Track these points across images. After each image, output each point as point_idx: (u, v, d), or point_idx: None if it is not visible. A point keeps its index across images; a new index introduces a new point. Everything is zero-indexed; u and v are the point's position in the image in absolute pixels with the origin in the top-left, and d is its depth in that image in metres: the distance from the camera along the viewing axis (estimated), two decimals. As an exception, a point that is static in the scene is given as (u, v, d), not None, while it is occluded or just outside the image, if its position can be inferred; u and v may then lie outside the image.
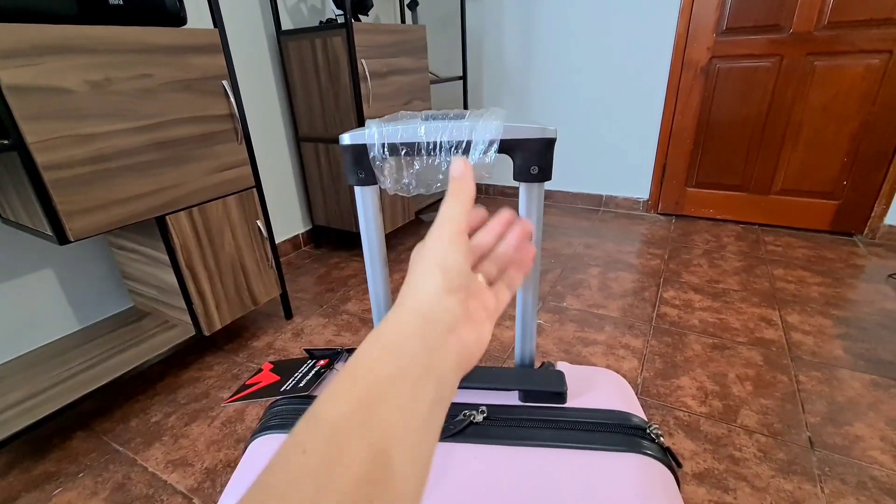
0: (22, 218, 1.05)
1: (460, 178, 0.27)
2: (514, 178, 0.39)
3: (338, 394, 0.18)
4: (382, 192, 0.41)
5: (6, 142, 0.86)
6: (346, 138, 0.38)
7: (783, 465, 0.98)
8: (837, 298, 1.60)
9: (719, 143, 2.19)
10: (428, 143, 0.34)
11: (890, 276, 1.71)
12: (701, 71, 2.10)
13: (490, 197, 2.91)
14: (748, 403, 1.15)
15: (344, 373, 0.19)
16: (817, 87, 1.94)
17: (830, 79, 1.91)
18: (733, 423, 1.09)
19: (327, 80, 1.80)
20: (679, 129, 2.24)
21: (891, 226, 1.98)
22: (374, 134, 0.34)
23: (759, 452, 1.01)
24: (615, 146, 2.43)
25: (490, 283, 0.29)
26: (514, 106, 2.64)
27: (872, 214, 2.00)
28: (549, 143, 0.37)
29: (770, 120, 2.06)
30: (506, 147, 0.35)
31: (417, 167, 0.34)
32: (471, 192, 0.28)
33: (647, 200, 2.46)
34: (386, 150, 0.33)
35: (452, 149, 0.33)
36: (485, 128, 0.33)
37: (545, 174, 0.38)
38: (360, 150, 0.37)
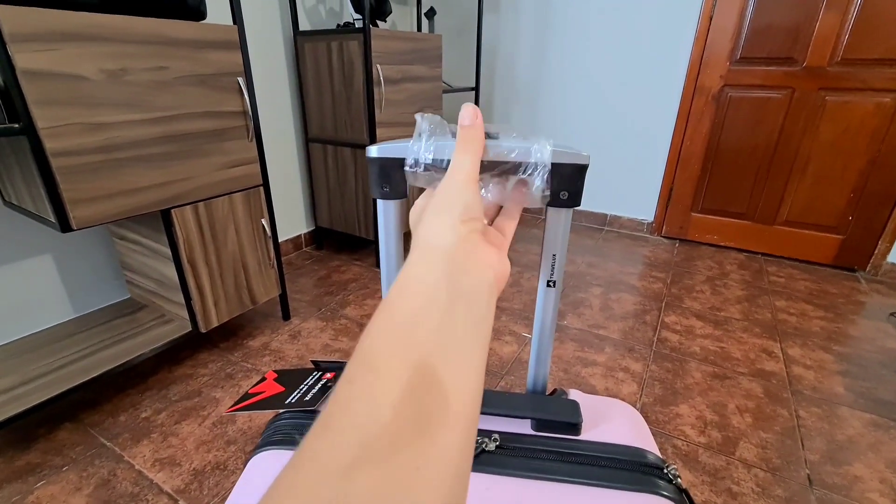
0: (25, 202, 1.04)
1: (471, 126, 0.28)
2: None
3: (376, 329, 0.19)
4: (403, 202, 0.40)
5: (17, 126, 0.85)
6: (374, 151, 0.36)
7: (781, 502, 0.97)
8: (839, 334, 1.59)
9: (727, 170, 2.20)
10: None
11: (892, 314, 1.71)
12: (712, 98, 2.11)
13: (528, 215, 2.90)
14: (747, 436, 1.13)
15: (381, 311, 0.20)
16: (827, 122, 1.95)
17: (841, 114, 1.92)
18: (732, 455, 1.08)
19: (341, 83, 1.80)
20: (687, 153, 2.25)
21: (893, 264, 1.98)
22: (415, 149, 0.33)
23: (757, 487, 1.00)
24: (622, 166, 2.43)
25: (490, 222, 0.31)
26: (524, 120, 2.64)
27: (876, 251, 2.00)
28: (581, 169, 0.36)
29: (779, 151, 2.06)
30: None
31: None
32: (481, 141, 0.29)
33: (652, 222, 2.46)
34: (423, 167, 0.32)
35: (498, 170, 0.32)
36: (540, 150, 0.32)
37: (574, 200, 0.37)
38: (387, 164, 0.36)
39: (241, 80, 1.22)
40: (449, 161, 0.33)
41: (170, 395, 1.23)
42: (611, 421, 0.41)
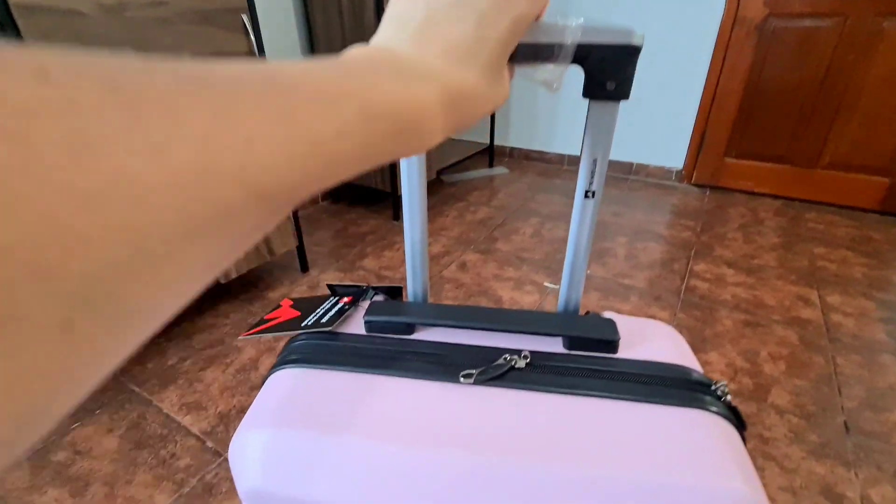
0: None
1: None
2: (584, 95, 0.32)
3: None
4: None
5: (16, 63, 0.82)
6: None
7: (815, 447, 0.93)
8: (882, 281, 1.50)
9: (766, 110, 2.04)
10: None
11: (942, 260, 1.60)
12: (755, 29, 1.93)
13: (550, 165, 2.79)
14: (780, 383, 1.09)
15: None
16: (883, 53, 1.77)
17: (899, 42, 1.73)
18: (764, 401, 1.04)
19: (350, 21, 1.70)
20: (723, 93, 2.09)
21: (947, 208, 1.84)
22: None
23: (789, 433, 0.96)
24: (651, 111, 2.29)
25: None
26: (546, 65, 2.49)
27: (927, 195, 1.86)
28: (632, 52, 0.30)
29: (826, 87, 1.90)
30: (578, 55, 0.29)
31: None
32: None
33: (681, 170, 2.34)
34: None
35: (525, 52, 0.27)
36: (564, 27, 0.27)
37: (622, 92, 0.31)
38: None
39: (245, 17, 1.15)
40: None
41: (193, 343, 1.24)
42: (650, 340, 0.37)
